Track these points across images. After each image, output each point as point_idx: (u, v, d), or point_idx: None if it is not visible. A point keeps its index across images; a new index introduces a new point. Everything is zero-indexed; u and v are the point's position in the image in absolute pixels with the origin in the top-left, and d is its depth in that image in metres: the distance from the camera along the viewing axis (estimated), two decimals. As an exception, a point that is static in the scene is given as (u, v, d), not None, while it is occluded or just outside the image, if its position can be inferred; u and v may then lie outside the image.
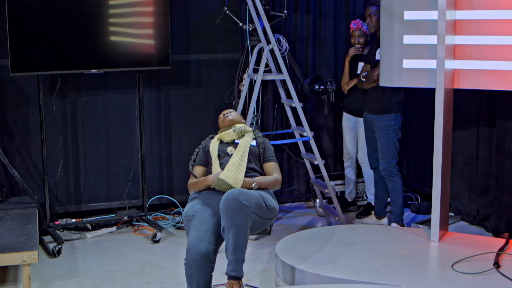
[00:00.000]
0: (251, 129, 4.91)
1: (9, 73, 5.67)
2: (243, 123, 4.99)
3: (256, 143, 4.78)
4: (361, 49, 6.44)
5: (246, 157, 4.60)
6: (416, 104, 6.87)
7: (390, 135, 5.93)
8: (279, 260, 4.55)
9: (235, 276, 4.04)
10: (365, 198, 6.86)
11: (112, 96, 6.50)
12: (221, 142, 4.82)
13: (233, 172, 4.45)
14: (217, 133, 4.93)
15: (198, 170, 4.72)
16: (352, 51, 6.45)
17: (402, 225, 6.03)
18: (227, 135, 4.81)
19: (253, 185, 4.45)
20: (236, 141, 4.78)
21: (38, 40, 5.69)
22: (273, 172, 4.69)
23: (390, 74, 5.30)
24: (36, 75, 5.86)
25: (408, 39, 5.14)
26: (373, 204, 6.50)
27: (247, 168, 4.56)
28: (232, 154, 4.64)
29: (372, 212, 6.41)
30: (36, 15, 5.70)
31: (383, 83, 5.40)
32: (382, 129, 5.96)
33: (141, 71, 6.31)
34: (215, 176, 4.46)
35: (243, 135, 4.80)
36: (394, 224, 6.03)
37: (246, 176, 4.50)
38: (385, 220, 6.29)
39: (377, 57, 5.92)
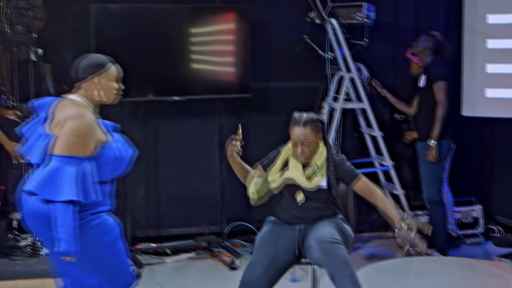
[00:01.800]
0: (323, 159, 4.31)
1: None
2: (319, 138, 4.32)
3: (328, 182, 4.29)
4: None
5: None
6: (501, 134, 6.72)
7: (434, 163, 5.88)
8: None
9: None
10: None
11: (192, 122, 6.58)
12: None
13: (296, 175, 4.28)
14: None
15: (259, 170, 4.57)
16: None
17: (445, 254, 5.93)
18: (296, 176, 4.32)
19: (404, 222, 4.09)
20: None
21: (122, 67, 5.81)
22: (371, 189, 4.31)
23: (472, 104, 5.20)
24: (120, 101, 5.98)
25: (492, 68, 5.05)
26: (452, 234, 6.38)
27: (320, 206, 4.33)
28: (301, 204, 4.34)
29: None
30: (120, 43, 5.84)
31: (465, 112, 5.32)
32: (425, 156, 5.90)
33: (221, 98, 6.37)
34: None
35: (314, 174, 4.31)
36: (436, 253, 5.92)
37: (320, 211, 4.32)
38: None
39: (420, 84, 5.92)
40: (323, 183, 4.25)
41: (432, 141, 5.88)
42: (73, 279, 3.73)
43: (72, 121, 3.55)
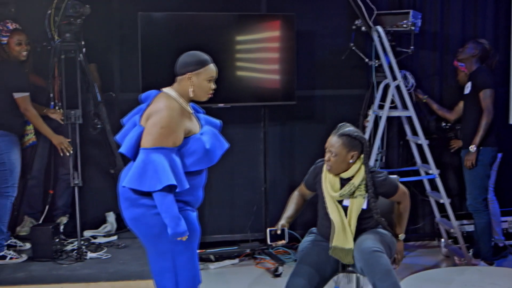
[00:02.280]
0: (361, 178, 4.23)
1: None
2: (352, 156, 4.21)
3: (368, 204, 4.24)
4: None
5: (355, 224, 4.23)
6: None
7: (478, 170, 5.81)
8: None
9: None
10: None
11: (237, 129, 6.61)
12: None
13: (340, 242, 4.20)
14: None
15: (303, 189, 4.55)
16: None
17: (491, 263, 5.83)
18: (334, 195, 4.24)
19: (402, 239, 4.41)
20: (344, 203, 4.27)
21: (167, 75, 5.86)
22: (402, 199, 4.36)
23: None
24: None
25: None
26: (499, 244, 6.28)
27: (363, 220, 4.28)
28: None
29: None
30: (166, 51, 5.90)
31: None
32: (464, 162, 5.90)
33: (266, 106, 6.39)
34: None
35: (352, 194, 4.23)
36: (482, 263, 5.83)
37: (364, 223, 4.29)
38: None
39: (466, 92, 5.88)
40: (364, 206, 4.23)
41: (473, 147, 5.82)
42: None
43: (157, 114, 3.70)
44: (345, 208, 4.24)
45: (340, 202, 4.25)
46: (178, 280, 3.87)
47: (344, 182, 4.24)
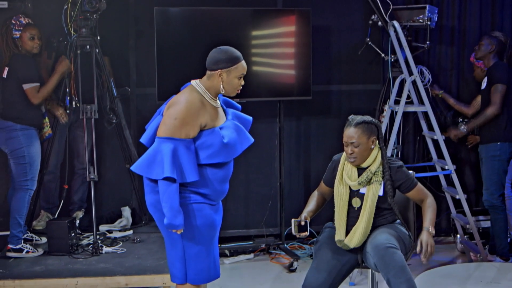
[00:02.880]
0: (377, 164, 4.24)
1: (156, 100, 5.89)
2: (372, 141, 4.23)
3: (384, 191, 4.23)
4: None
5: (373, 214, 4.22)
6: None
7: (495, 165, 5.79)
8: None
9: None
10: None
11: (253, 125, 6.50)
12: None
13: (357, 238, 4.20)
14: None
15: (322, 187, 4.54)
16: None
17: (507, 259, 5.80)
18: (352, 184, 4.27)
19: (430, 232, 4.10)
20: (361, 190, 4.28)
21: (183, 70, 5.87)
22: (422, 196, 4.27)
23: None
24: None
25: None
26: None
27: (380, 213, 4.28)
28: (357, 208, 4.28)
29: None
30: (182, 46, 5.91)
31: None
32: (486, 159, 5.88)
33: (282, 101, 6.38)
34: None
35: (369, 181, 4.24)
36: (498, 259, 5.80)
37: (379, 218, 4.29)
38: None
39: (482, 86, 5.85)
40: (380, 192, 4.20)
41: (464, 127, 6.02)
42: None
43: (175, 106, 3.78)
44: (361, 196, 4.25)
45: (357, 191, 4.26)
46: (187, 271, 3.94)
47: (361, 171, 4.25)
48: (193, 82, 3.95)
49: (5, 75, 5.50)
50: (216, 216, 3.97)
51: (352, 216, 4.28)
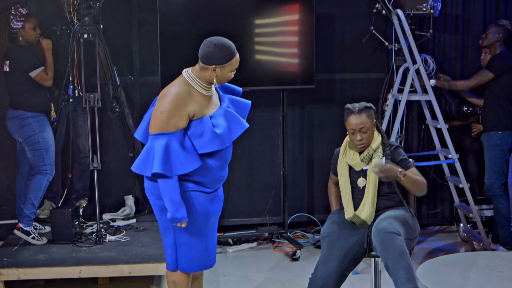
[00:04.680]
0: (378, 142, 4.36)
1: (159, 89, 5.87)
2: (374, 124, 4.38)
3: (385, 161, 4.30)
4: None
5: (377, 187, 4.32)
6: None
7: (496, 155, 5.82)
8: (421, 285, 4.44)
9: None
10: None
11: (256, 113, 6.58)
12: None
13: (366, 211, 4.29)
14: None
15: (333, 177, 4.67)
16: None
17: (510, 248, 5.81)
18: (354, 164, 4.39)
19: (400, 175, 4.15)
20: (364, 167, 4.38)
21: (186, 58, 5.85)
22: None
23: None
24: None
25: None
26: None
27: (385, 193, 4.36)
28: (363, 187, 4.37)
29: None
30: (185, 34, 5.89)
31: None
32: (488, 148, 5.90)
33: (285, 89, 6.37)
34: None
35: (371, 158, 4.35)
36: (501, 248, 5.81)
37: (385, 200, 4.36)
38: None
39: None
40: (383, 161, 4.25)
41: (433, 81, 6.04)
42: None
43: (161, 100, 3.82)
44: (365, 174, 4.33)
45: (361, 171, 4.35)
46: (178, 258, 3.98)
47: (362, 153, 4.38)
48: (184, 71, 3.94)
49: (6, 68, 5.58)
50: (211, 205, 3.98)
51: (359, 194, 4.36)
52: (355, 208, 4.35)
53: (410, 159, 4.42)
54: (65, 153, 6.12)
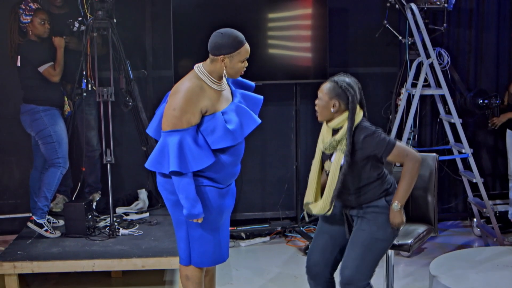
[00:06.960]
0: (342, 133, 3.90)
1: (173, 83, 5.88)
2: (333, 105, 3.91)
3: (344, 161, 3.88)
4: None
5: (335, 183, 3.91)
6: None
7: None
8: (434, 279, 4.43)
9: None
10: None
11: (269, 107, 6.58)
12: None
13: (319, 205, 4.01)
14: None
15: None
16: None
17: None
18: (321, 146, 4.07)
19: (402, 214, 3.89)
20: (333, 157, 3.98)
21: (199, 52, 5.85)
22: (401, 160, 3.87)
23: None
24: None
25: None
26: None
27: (357, 188, 3.97)
28: (327, 173, 4.01)
29: None
30: (198, 28, 5.89)
31: None
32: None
33: (298, 83, 6.36)
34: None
35: (335, 148, 3.95)
36: None
37: (359, 195, 3.98)
38: None
39: None
40: (342, 161, 3.89)
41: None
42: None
43: (173, 96, 3.80)
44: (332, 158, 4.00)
45: (330, 155, 4.00)
46: (191, 252, 3.99)
47: (334, 135, 3.97)
48: (196, 66, 3.93)
49: (18, 63, 5.61)
50: (223, 200, 3.98)
51: (325, 180, 4.07)
52: (316, 196, 4.09)
53: (389, 137, 3.92)
54: (74, 147, 6.14)
